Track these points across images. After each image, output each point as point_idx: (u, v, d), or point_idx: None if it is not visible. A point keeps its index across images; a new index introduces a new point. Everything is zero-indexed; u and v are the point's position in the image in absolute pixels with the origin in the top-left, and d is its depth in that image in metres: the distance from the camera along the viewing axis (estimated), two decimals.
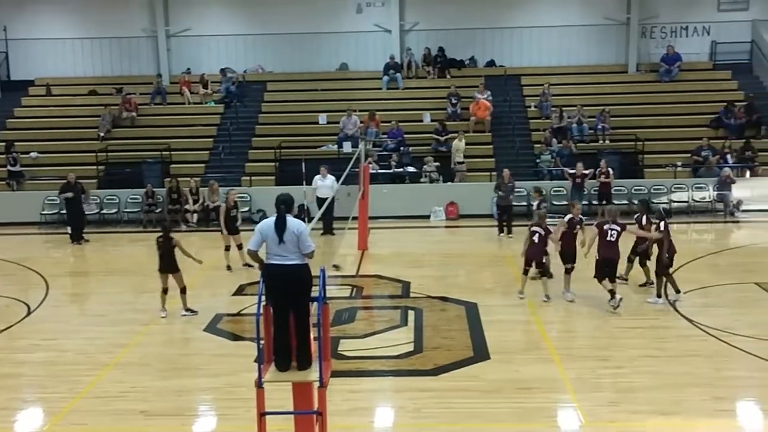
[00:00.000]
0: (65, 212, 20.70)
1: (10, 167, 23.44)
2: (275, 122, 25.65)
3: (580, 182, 21.09)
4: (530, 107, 25.74)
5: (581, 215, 13.77)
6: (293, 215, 7.32)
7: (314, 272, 7.28)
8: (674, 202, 21.52)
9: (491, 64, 27.79)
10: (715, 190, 21.84)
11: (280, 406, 7.37)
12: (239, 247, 16.04)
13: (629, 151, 23.62)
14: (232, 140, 24.80)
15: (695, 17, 27.41)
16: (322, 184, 19.17)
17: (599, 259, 12.83)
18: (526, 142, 24.32)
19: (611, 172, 21.29)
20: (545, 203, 17.72)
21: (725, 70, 26.90)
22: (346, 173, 17.22)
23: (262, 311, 7.05)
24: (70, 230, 20.01)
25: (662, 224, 13.11)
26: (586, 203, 20.50)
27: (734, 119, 24.10)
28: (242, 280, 15.27)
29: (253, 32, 28.02)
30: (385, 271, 16.05)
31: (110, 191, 22.62)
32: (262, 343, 7.10)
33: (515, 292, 13.80)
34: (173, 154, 24.20)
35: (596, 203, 20.97)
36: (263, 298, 7.09)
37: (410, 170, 23.04)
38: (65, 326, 12.95)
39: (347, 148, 23.11)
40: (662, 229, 13.06)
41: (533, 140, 24.33)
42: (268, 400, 6.97)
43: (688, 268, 13.78)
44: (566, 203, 20.97)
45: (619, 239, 12.83)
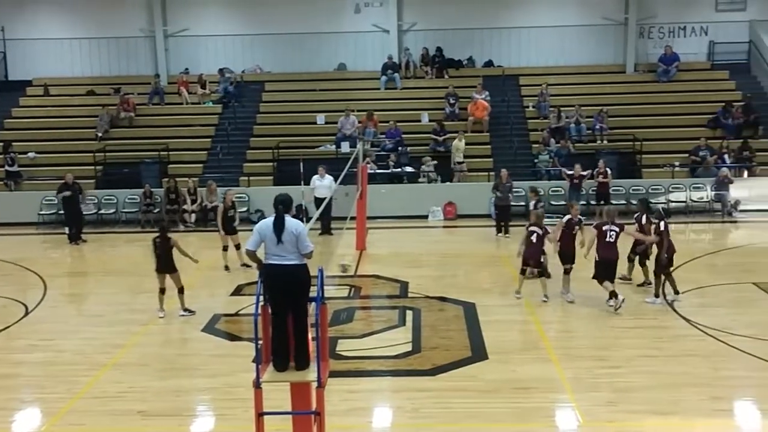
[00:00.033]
0: (63, 212, 20.69)
1: (7, 167, 23.43)
2: (273, 122, 25.64)
3: (577, 183, 21.11)
4: (528, 107, 25.75)
5: (580, 215, 13.76)
6: (291, 215, 7.33)
7: (313, 272, 7.27)
8: (672, 202, 21.54)
9: (489, 64, 27.80)
10: (712, 190, 21.86)
11: (278, 406, 7.37)
12: (237, 247, 16.03)
13: (627, 151, 23.64)
14: (230, 140, 24.79)
15: (693, 17, 27.46)
16: (320, 184, 19.19)
17: (599, 260, 12.83)
18: (524, 142, 24.33)
19: (609, 172, 21.35)
20: (542, 203, 17.73)
21: (723, 70, 26.93)
22: (344, 173, 17.22)
23: (260, 311, 7.06)
24: (67, 230, 20.01)
25: (662, 224, 13.10)
26: (584, 203, 20.52)
27: (732, 119, 24.12)
28: (240, 280, 15.27)
29: (251, 32, 28.01)
30: (383, 271, 16.05)
31: (108, 191, 22.60)
32: (260, 343, 7.11)
33: (513, 292, 13.80)
34: (171, 154, 24.20)
35: (594, 203, 21.01)
36: (261, 298, 7.10)
37: (408, 170, 23.05)
38: (63, 326, 12.93)
39: (345, 148, 23.10)
40: (662, 229, 13.05)
41: (531, 140, 24.35)
42: (266, 400, 6.97)
43: (685, 268, 13.79)
44: (564, 203, 21.02)
45: (617, 239, 12.85)
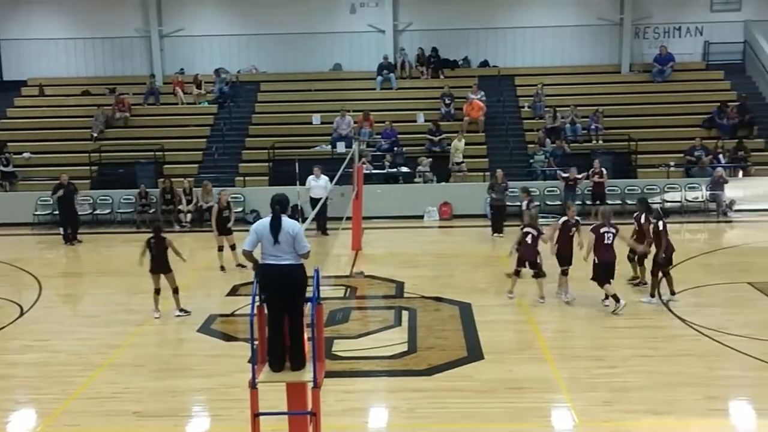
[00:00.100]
0: (58, 213, 20.64)
1: (2, 168, 23.37)
2: (269, 122, 25.62)
3: (572, 184, 21.15)
4: (524, 107, 25.77)
5: (576, 216, 13.72)
6: (287, 216, 7.32)
7: (309, 272, 7.27)
8: (667, 202, 21.56)
9: (485, 64, 27.82)
10: (708, 190, 21.89)
11: (274, 406, 7.36)
12: (232, 247, 16.02)
13: (622, 151, 23.67)
14: (225, 140, 24.77)
15: (688, 18, 27.51)
16: (315, 184, 19.19)
17: (598, 262, 12.74)
18: (519, 142, 24.34)
19: (605, 172, 21.37)
20: (534, 203, 17.66)
21: (718, 70, 26.98)
22: (339, 173, 17.21)
23: (256, 311, 7.05)
24: (62, 231, 19.96)
25: (660, 224, 13.13)
26: (579, 203, 20.52)
27: (727, 119, 24.16)
28: (236, 280, 15.26)
29: (246, 32, 27.99)
30: (378, 271, 16.04)
31: (103, 192, 22.56)
32: (255, 343, 7.10)
33: (508, 292, 13.80)
34: (166, 154, 24.15)
35: (590, 203, 21.04)
36: (257, 298, 7.09)
37: (404, 170, 23.05)
38: (58, 327, 12.91)
39: (341, 148, 23.09)
40: (660, 228, 13.07)
41: (527, 140, 24.36)
42: (261, 400, 6.96)
43: (681, 267, 13.80)
44: (560, 203, 21.05)
45: (614, 241, 12.86)
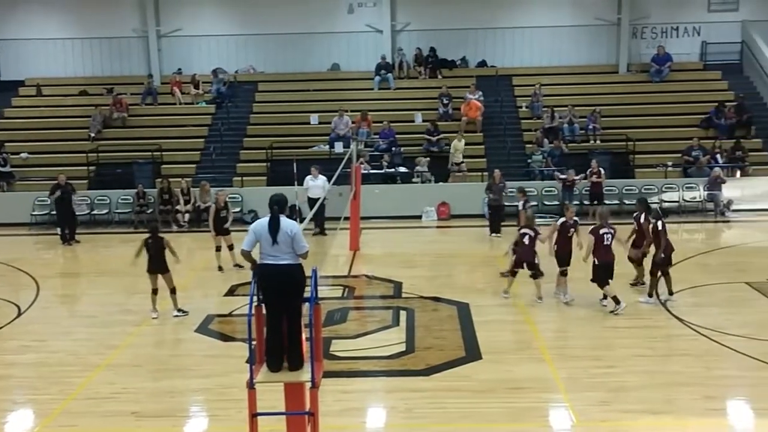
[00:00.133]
0: (55, 213, 20.61)
1: (0, 168, 23.33)
2: (266, 122, 25.61)
3: (570, 184, 21.18)
4: (521, 107, 25.77)
5: (575, 217, 13.69)
6: (285, 216, 7.31)
7: (306, 272, 7.26)
8: (665, 201, 21.57)
9: (482, 64, 27.82)
10: (705, 190, 21.92)
11: (271, 406, 7.36)
12: (230, 247, 16.01)
13: (620, 151, 23.68)
14: (223, 141, 24.76)
15: (686, 18, 27.53)
16: (313, 184, 19.18)
17: (599, 263, 12.69)
18: (517, 142, 24.34)
19: (602, 172, 21.39)
20: (530, 203, 17.59)
21: (716, 70, 27.00)
22: (337, 173, 17.22)
23: (253, 312, 7.04)
24: (60, 231, 19.94)
25: (659, 224, 13.14)
26: (577, 203, 20.55)
27: (724, 119, 24.18)
28: (233, 280, 15.25)
29: (244, 32, 27.97)
30: (376, 271, 16.03)
31: (101, 192, 22.55)
32: (253, 343, 7.09)
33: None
34: (164, 154, 24.14)
35: (588, 203, 21.05)
36: (255, 298, 7.08)
37: (402, 170, 23.04)
38: (56, 327, 12.90)
39: (339, 148, 23.10)
40: (659, 228, 13.09)
41: (525, 140, 24.36)
42: (259, 401, 6.96)
43: (678, 267, 13.81)
44: (557, 203, 21.08)
45: (613, 241, 12.86)
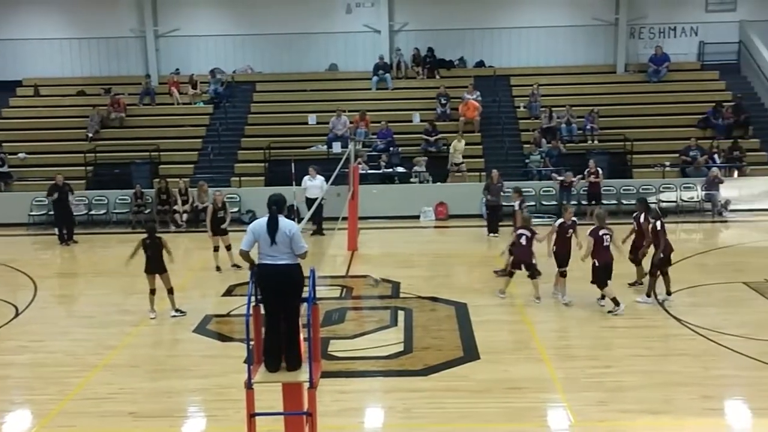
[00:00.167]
0: (53, 213, 20.58)
1: None
2: (264, 123, 25.59)
3: (568, 185, 21.20)
4: (519, 107, 25.76)
5: (573, 217, 13.68)
6: (284, 216, 7.31)
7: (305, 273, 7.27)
8: (663, 202, 21.58)
9: (480, 64, 27.82)
10: (703, 190, 21.93)
11: (269, 407, 7.36)
12: (228, 248, 16.01)
13: (618, 151, 23.68)
14: (221, 141, 24.74)
15: (683, 18, 27.54)
16: (311, 184, 19.17)
17: (599, 265, 12.66)
18: (515, 142, 24.34)
19: (600, 172, 21.40)
20: (526, 203, 17.56)
21: (713, 70, 27.01)
22: (335, 174, 17.22)
23: (251, 312, 7.04)
24: (57, 231, 19.92)
25: (658, 224, 13.16)
26: (575, 203, 20.57)
27: (722, 119, 24.19)
28: (231, 281, 15.24)
29: (242, 32, 27.94)
30: (374, 271, 16.01)
31: (99, 192, 22.51)
32: (251, 343, 7.09)
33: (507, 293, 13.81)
34: (162, 154, 24.11)
35: (585, 203, 21.07)
36: (253, 298, 7.08)
37: (400, 171, 23.04)
38: (53, 328, 12.89)
39: (337, 148, 23.09)
40: (658, 228, 13.11)
41: (522, 140, 24.35)
42: (257, 401, 6.96)
43: (676, 267, 13.82)
44: (555, 203, 21.10)
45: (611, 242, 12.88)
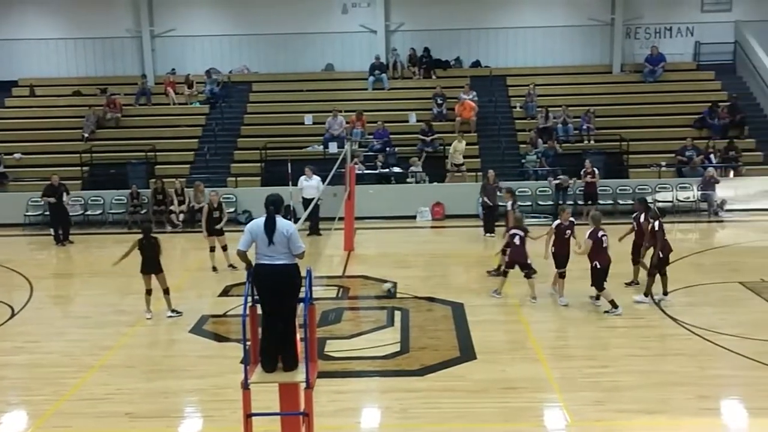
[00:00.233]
0: (49, 214, 20.53)
1: None
2: (261, 123, 25.57)
3: (565, 187, 21.23)
4: (516, 108, 25.79)
5: (570, 218, 13.66)
6: (281, 216, 7.30)
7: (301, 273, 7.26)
8: (659, 201, 21.57)
9: (477, 64, 27.83)
10: (699, 189, 21.96)
11: (266, 407, 7.36)
12: (224, 248, 15.99)
13: (614, 151, 23.71)
14: (217, 141, 24.72)
15: (679, 18, 27.59)
16: (307, 184, 19.15)
17: (600, 267, 12.64)
18: (511, 142, 24.35)
19: (596, 172, 21.43)
20: (518, 204, 17.50)
21: (709, 70, 27.06)
22: (332, 174, 17.21)
23: (248, 312, 7.03)
24: (53, 232, 19.88)
25: (656, 224, 13.17)
26: (571, 203, 20.63)
27: (718, 119, 24.24)
28: (228, 281, 15.23)
29: (238, 33, 27.93)
30: (371, 271, 16.02)
31: (95, 192, 22.48)
32: (248, 344, 7.08)
33: (504, 293, 13.80)
34: (158, 154, 24.08)
35: (582, 203, 21.10)
36: (249, 298, 7.07)
37: (396, 171, 23.04)
38: (49, 328, 12.86)
39: (333, 148, 23.07)
40: (656, 228, 13.12)
41: (519, 141, 24.38)
42: (254, 401, 6.95)
43: (672, 267, 13.82)
44: (551, 203, 21.11)
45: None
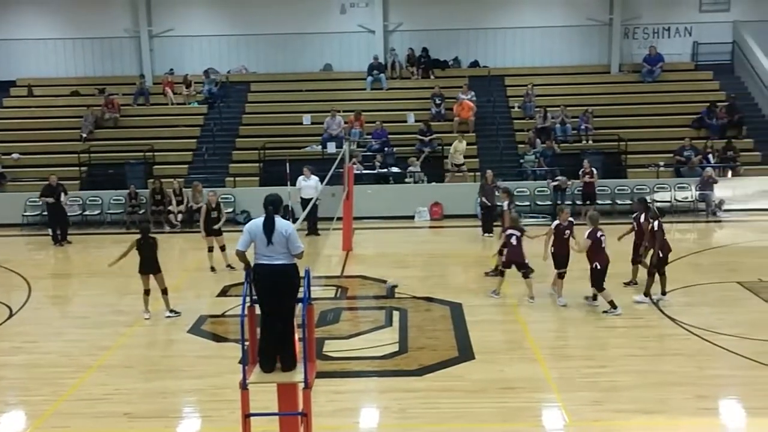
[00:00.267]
0: (47, 214, 20.52)
1: None
2: (259, 123, 25.56)
3: (564, 188, 21.26)
4: (514, 108, 25.80)
5: (570, 218, 13.66)
6: (280, 216, 7.30)
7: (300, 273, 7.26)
8: (657, 202, 21.56)
9: (475, 64, 27.84)
10: (697, 189, 21.98)
11: (264, 407, 7.36)
12: (222, 248, 15.98)
13: (612, 151, 23.73)
14: (215, 141, 24.71)
15: (677, 18, 27.62)
16: (305, 184, 19.15)
17: (600, 267, 12.63)
18: (510, 142, 24.36)
19: (595, 172, 21.44)
20: (514, 204, 17.49)
21: (707, 70, 27.09)
22: (330, 174, 17.20)
23: (246, 312, 7.03)
24: (51, 232, 19.86)
25: (655, 224, 13.18)
26: (569, 203, 20.64)
27: (716, 119, 24.25)
28: (226, 281, 15.22)
29: (236, 33, 27.92)
30: (369, 271, 16.03)
31: (93, 192, 22.47)
32: (246, 344, 7.08)
33: (502, 293, 13.80)
34: (156, 155, 24.06)
35: (580, 203, 21.11)
36: (248, 298, 7.07)
37: (394, 171, 23.04)
38: (48, 328, 12.85)
39: (331, 148, 23.06)
40: (656, 228, 13.14)
41: (517, 141, 24.38)
42: (252, 401, 6.95)
43: (671, 267, 13.82)
44: (550, 203, 21.12)
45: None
